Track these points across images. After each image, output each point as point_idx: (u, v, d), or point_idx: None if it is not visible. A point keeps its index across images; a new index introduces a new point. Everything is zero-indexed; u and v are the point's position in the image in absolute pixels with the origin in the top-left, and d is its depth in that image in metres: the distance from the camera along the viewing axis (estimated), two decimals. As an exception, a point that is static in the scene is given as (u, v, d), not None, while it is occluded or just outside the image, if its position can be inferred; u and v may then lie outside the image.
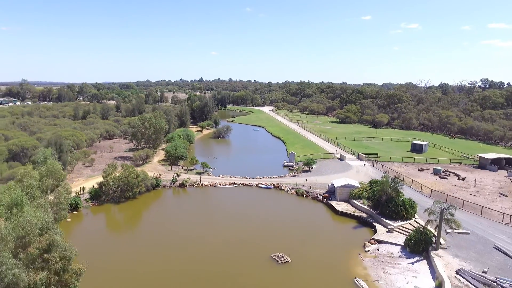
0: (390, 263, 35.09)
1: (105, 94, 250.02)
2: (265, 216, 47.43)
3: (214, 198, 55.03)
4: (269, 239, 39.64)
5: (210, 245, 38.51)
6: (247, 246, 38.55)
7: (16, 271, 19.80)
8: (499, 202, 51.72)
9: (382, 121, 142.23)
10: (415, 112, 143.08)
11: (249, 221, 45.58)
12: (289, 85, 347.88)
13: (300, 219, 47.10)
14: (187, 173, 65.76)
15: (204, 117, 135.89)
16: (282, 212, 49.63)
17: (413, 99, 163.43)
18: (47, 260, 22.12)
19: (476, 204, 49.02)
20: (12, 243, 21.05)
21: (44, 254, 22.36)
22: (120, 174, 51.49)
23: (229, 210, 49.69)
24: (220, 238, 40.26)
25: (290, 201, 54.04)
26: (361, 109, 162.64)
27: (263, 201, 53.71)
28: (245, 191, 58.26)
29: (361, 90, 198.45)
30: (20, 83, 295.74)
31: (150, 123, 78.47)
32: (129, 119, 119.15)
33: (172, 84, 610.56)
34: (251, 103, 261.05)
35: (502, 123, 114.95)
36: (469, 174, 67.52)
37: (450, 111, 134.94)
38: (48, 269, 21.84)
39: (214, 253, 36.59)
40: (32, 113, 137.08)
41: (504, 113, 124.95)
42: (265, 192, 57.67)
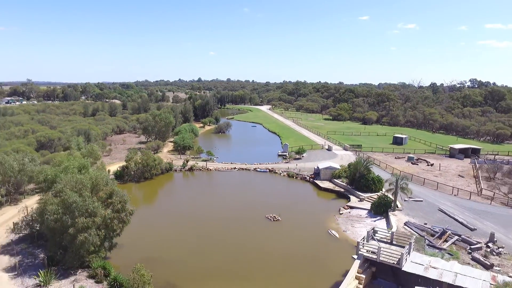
0: (357, 221, 45.46)
1: (108, 93, 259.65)
2: (261, 191, 57.81)
3: (219, 179, 65.33)
4: (264, 205, 49.89)
5: (218, 210, 48.84)
6: (247, 210, 48.91)
7: (96, 204, 30.00)
8: (455, 181, 62.24)
9: (372, 118, 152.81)
10: (401, 110, 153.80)
11: (248, 194, 55.92)
12: (286, 85, 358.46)
13: (289, 193, 57.53)
14: (194, 160, 76.01)
15: (206, 115, 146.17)
16: (275, 188, 59.98)
17: (401, 97, 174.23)
18: (111, 202, 32.31)
19: (434, 182, 59.57)
20: (89, 188, 31.27)
21: (108, 199, 32.56)
22: (140, 158, 61.69)
23: (231, 187, 60.04)
24: (226, 205, 50.63)
25: (282, 181, 64.46)
26: (353, 107, 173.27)
27: (260, 181, 64.07)
28: (244, 174, 68.60)
29: (353, 90, 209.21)
30: (25, 83, 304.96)
31: (160, 118, 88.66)
32: (137, 116, 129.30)
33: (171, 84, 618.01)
34: (249, 102, 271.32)
35: (479, 119, 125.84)
36: (438, 161, 78.05)
37: (433, 109, 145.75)
38: (112, 208, 32.02)
39: (221, 215, 46.88)
40: (44, 111, 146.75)
41: (482, 110, 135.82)
42: (261, 174, 68.01)
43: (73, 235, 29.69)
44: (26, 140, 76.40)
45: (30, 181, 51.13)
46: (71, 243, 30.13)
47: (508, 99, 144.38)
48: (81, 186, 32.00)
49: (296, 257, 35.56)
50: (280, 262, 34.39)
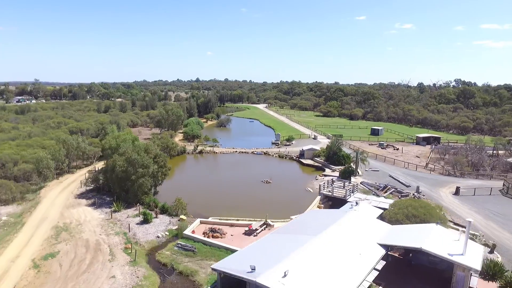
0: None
1: (114, 92, 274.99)
2: (257, 166, 74.05)
3: (224, 159, 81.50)
4: (259, 174, 65.92)
5: (226, 176, 65.08)
6: (246, 176, 65.15)
7: (149, 160, 46.09)
8: (411, 160, 78.71)
9: (357, 115, 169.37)
10: (384, 107, 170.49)
11: (247, 168, 72.13)
12: (281, 84, 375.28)
13: (279, 167, 73.80)
14: (202, 146, 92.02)
15: (208, 111, 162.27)
16: (268, 164, 76.19)
17: (385, 96, 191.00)
18: (156, 161, 48.35)
19: (392, 159, 76.06)
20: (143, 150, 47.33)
21: (155, 158, 48.61)
22: (161, 140, 77.69)
23: (234, 164, 76.23)
24: (231, 173, 66.94)
25: (274, 160, 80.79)
26: (341, 105, 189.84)
27: (256, 160, 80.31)
28: (244, 155, 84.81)
29: (342, 89, 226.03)
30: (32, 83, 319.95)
31: (172, 112, 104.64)
32: (147, 112, 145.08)
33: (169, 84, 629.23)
34: (247, 101, 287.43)
35: (450, 114, 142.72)
36: (404, 147, 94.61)
37: (412, 106, 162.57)
38: (157, 164, 48.06)
39: (228, 179, 63.07)
40: (57, 108, 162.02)
41: (454, 106, 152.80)
42: (258, 156, 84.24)
43: (134, 181, 45.78)
44: (61, 130, 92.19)
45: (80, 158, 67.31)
46: (132, 186, 46.20)
47: (477, 97, 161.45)
48: (138, 149, 48.12)
49: (281, 201, 51.74)
50: (269, 202, 50.48)
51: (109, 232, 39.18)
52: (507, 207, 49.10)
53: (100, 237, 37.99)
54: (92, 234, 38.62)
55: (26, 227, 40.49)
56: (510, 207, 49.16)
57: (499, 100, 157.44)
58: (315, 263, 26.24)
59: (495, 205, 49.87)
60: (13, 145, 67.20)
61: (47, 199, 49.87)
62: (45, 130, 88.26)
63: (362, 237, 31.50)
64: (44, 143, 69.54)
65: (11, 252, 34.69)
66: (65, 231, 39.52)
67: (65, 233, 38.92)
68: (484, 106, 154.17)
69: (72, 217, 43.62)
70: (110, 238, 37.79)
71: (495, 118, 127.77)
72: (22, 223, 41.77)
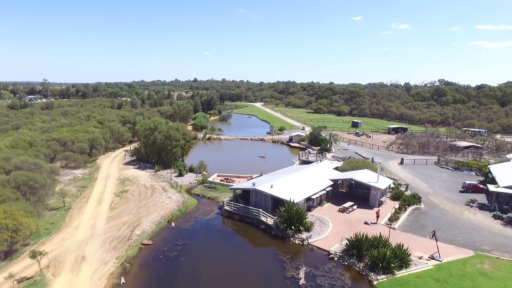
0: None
1: (120, 92, 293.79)
2: (254, 147, 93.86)
3: (228, 143, 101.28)
4: (257, 152, 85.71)
5: (230, 153, 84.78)
6: (247, 153, 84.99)
7: (179, 136, 65.79)
8: (378, 144, 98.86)
9: (344, 111, 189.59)
10: (368, 104, 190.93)
11: (247, 148, 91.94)
12: (277, 84, 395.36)
13: (272, 149, 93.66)
14: (209, 134, 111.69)
15: (211, 108, 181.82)
16: (263, 147, 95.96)
17: (369, 94, 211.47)
18: (184, 137, 68.03)
19: (362, 142, 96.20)
20: (175, 129, 67.07)
21: (183, 135, 68.31)
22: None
23: (236, 147, 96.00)
24: (234, 152, 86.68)
25: (268, 144, 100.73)
26: (331, 103, 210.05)
27: (254, 144, 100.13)
28: (244, 141, 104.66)
29: (332, 88, 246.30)
30: (41, 83, 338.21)
31: (183, 107, 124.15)
32: (158, 108, 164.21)
33: (167, 84, 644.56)
34: (245, 99, 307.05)
35: (423, 110, 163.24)
36: (376, 135, 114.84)
37: (392, 103, 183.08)
38: (184, 139, 67.72)
39: (232, 156, 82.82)
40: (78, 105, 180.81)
41: (427, 104, 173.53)
42: (255, 142, 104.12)
43: (169, 150, 65.49)
44: (91, 122, 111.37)
45: (117, 140, 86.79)
46: (167, 154, 65.86)
47: (448, 95, 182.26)
48: (172, 128, 67.77)
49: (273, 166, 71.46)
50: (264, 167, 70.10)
51: (157, 181, 58.91)
52: (431, 171, 69.34)
53: (152, 183, 57.71)
54: (146, 182, 58.31)
55: (99, 179, 60.04)
56: (433, 171, 69.44)
57: (466, 98, 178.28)
58: (289, 184, 46.18)
59: (424, 170, 70.14)
60: (64, 131, 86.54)
61: (103, 166, 69.47)
62: (81, 121, 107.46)
63: (320, 176, 51.53)
64: (88, 129, 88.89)
65: (98, 189, 54.26)
66: (127, 180, 59.16)
67: (127, 181, 58.54)
68: (454, 103, 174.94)
69: (128, 174, 63.27)
70: (159, 183, 57.52)
71: (460, 113, 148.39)
72: (95, 177, 61.32)
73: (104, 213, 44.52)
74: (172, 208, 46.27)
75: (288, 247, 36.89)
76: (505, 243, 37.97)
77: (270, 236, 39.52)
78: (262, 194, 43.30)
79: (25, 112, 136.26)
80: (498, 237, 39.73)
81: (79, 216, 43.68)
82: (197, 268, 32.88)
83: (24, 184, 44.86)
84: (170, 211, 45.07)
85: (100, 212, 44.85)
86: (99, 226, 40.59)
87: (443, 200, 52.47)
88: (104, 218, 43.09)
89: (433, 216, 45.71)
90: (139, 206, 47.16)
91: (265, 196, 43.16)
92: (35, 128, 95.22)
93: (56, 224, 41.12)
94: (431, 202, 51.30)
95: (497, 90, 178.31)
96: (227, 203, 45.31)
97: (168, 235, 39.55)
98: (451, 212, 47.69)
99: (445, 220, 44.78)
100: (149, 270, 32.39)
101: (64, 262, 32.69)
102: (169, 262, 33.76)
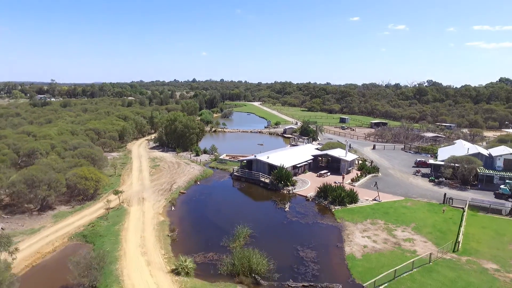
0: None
1: (126, 91, 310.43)
2: (254, 138, 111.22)
3: (231, 135, 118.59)
4: (256, 141, 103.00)
5: (234, 142, 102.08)
6: (248, 142, 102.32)
7: (195, 125, 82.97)
8: (359, 136, 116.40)
9: (335, 109, 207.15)
10: (357, 103, 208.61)
11: (247, 139, 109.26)
12: (275, 85, 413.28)
13: (269, 139, 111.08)
14: (215, 128, 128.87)
15: (213, 106, 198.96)
16: (261, 138, 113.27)
17: (359, 94, 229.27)
18: (198, 126, 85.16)
19: (346, 133, 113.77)
20: (191, 120, 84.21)
21: (197, 125, 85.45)
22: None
23: (238, 137, 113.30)
24: (236, 141, 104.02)
25: (265, 136, 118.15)
26: (323, 101, 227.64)
27: (253, 136, 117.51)
28: (244, 133, 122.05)
29: (325, 88, 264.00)
30: (49, 83, 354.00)
31: (190, 104, 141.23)
32: (166, 106, 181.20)
33: (167, 84, 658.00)
34: (244, 99, 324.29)
35: (406, 108, 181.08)
36: (359, 129, 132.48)
37: (378, 102, 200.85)
38: (198, 128, 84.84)
39: (236, 143, 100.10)
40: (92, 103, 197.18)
41: (410, 102, 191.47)
42: (254, 133, 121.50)
43: (187, 137, 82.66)
44: (111, 117, 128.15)
45: (139, 131, 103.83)
46: (186, 140, 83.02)
47: (429, 95, 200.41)
48: (190, 120, 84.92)
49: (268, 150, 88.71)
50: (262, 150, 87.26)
51: (180, 159, 76.11)
52: (396, 154, 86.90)
53: (177, 160, 74.90)
54: (172, 159, 75.44)
55: (134, 158, 77.05)
56: (398, 154, 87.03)
57: (445, 97, 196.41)
58: (281, 156, 63.52)
59: (391, 153, 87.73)
60: (95, 123, 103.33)
61: (133, 150, 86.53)
62: (105, 116, 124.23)
63: (304, 152, 68.94)
64: (113, 122, 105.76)
65: (136, 164, 71.29)
66: (156, 159, 76.27)
67: (156, 159, 75.66)
68: (434, 101, 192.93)
69: (155, 155, 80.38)
70: (182, 160, 74.72)
71: (437, 111, 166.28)
72: (130, 157, 78.35)
73: (147, 177, 61.68)
74: (196, 174, 63.51)
75: (279, 195, 54.18)
76: (427, 194, 55.45)
77: (267, 189, 56.86)
78: (261, 162, 60.56)
79: (49, 109, 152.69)
80: (425, 191, 57.18)
81: (129, 179, 60.81)
82: (217, 204, 50.20)
83: (88, 156, 61.96)
84: (195, 176, 62.32)
85: (144, 177, 61.99)
86: (146, 184, 57.75)
87: (397, 171, 69.98)
88: (148, 180, 60.25)
89: (385, 180, 63.13)
90: (171, 173, 64.37)
91: (263, 164, 60.41)
92: (67, 121, 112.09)
93: (115, 183, 58.18)
94: (388, 172, 68.77)
95: (472, 90, 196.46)
96: (236, 170, 62.66)
97: (196, 189, 56.85)
98: (400, 178, 65.17)
99: (394, 182, 62.22)
100: (187, 205, 49.66)
101: (132, 200, 49.84)
102: (199, 202, 51.05)
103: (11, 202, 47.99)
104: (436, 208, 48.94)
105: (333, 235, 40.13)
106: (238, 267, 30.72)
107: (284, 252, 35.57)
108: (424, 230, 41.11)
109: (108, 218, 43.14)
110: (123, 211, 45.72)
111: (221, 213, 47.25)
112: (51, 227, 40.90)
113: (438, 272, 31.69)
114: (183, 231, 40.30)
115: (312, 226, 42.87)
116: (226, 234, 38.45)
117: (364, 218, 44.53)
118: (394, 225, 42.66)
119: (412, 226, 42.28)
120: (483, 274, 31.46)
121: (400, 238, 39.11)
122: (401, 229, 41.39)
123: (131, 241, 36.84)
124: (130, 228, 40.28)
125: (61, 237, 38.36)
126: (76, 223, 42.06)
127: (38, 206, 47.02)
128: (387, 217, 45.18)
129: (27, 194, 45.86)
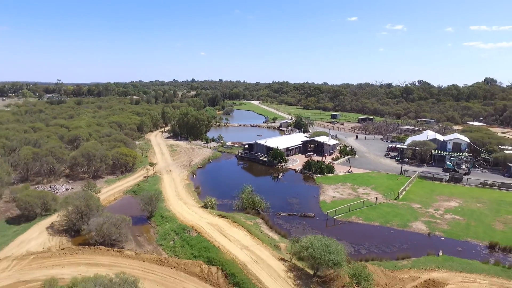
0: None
1: (131, 91, 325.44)
2: (253, 131, 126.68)
3: (233, 129, 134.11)
4: (255, 132, 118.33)
5: (236, 134, 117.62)
6: (248, 134, 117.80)
7: (204, 117, 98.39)
8: (346, 129, 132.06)
9: (328, 107, 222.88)
10: (349, 101, 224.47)
11: (247, 131, 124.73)
12: (272, 84, 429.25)
13: (266, 132, 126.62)
14: (218, 122, 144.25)
15: (215, 104, 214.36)
16: (260, 130, 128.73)
17: (351, 93, 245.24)
18: (207, 118, 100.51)
19: (332, 127, 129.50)
20: (202, 114, 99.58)
21: (207, 118, 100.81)
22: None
23: (240, 130, 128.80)
24: (239, 133, 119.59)
25: (264, 129, 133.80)
26: (318, 100, 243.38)
27: (253, 129, 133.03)
28: (245, 127, 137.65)
29: (319, 87, 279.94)
30: (55, 83, 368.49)
31: (196, 102, 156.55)
32: (172, 104, 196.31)
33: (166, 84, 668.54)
34: (243, 98, 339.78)
35: (393, 106, 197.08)
36: (347, 124, 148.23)
37: (368, 100, 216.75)
38: (207, 120, 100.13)
39: (238, 134, 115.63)
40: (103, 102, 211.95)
41: (397, 100, 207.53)
42: (254, 127, 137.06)
43: (198, 127, 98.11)
44: (126, 113, 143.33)
45: (154, 124, 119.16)
46: (196, 131, 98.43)
47: (415, 93, 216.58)
48: (200, 113, 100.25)
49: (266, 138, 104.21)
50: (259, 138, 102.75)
51: (193, 145, 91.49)
52: (374, 143, 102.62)
53: (190, 146, 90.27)
54: (186, 146, 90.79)
55: (154, 145, 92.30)
56: (376, 142, 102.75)
57: (429, 96, 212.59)
58: (276, 141, 79.05)
59: (370, 142, 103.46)
60: (116, 117, 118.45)
61: (151, 139, 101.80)
62: (121, 112, 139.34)
63: (295, 139, 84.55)
64: (130, 117, 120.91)
65: (157, 150, 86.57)
66: (173, 145, 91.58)
67: (173, 146, 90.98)
68: (418, 100, 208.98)
69: (171, 142, 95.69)
70: (195, 146, 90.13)
71: (421, 108, 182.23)
72: (150, 144, 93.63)
73: (169, 157, 77.08)
74: (208, 155, 78.99)
75: (274, 169, 69.67)
76: (391, 169, 71.04)
77: (265, 166, 72.40)
78: (260, 145, 76.04)
79: (65, 107, 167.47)
80: (390, 167, 72.76)
81: (155, 159, 76.16)
82: (228, 174, 65.76)
83: (121, 141, 77.28)
84: (207, 156, 77.80)
85: (166, 158, 77.38)
86: (169, 162, 73.15)
87: (372, 155, 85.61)
88: (170, 159, 75.68)
89: (360, 161, 78.70)
90: (188, 155, 79.84)
91: (262, 146, 75.88)
92: (88, 116, 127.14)
93: (144, 161, 73.48)
94: (363, 155, 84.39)
95: (453, 89, 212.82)
96: (240, 152, 78.22)
97: (209, 165, 72.45)
98: (373, 159, 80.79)
99: (367, 162, 77.81)
100: (204, 174, 65.26)
101: (162, 171, 65.22)
102: (213, 172, 66.63)
103: (71, 173, 63.25)
104: (393, 177, 64.59)
105: (312, 191, 55.70)
106: (246, 204, 46.15)
107: (277, 199, 51.02)
108: (379, 189, 56.72)
109: (148, 181, 58.54)
110: (158, 178, 61.07)
111: (230, 179, 62.76)
112: (107, 187, 56.22)
113: (379, 209, 47.30)
114: (204, 189, 55.76)
115: (298, 186, 58.49)
116: (236, 190, 53.91)
117: (337, 182, 60.13)
118: (358, 186, 58.27)
119: (372, 187, 57.90)
120: (409, 209, 47.12)
121: (360, 192, 54.72)
122: (362, 188, 57.02)
123: (169, 193, 52.26)
124: (166, 186, 55.72)
125: (118, 192, 53.71)
126: (125, 185, 57.39)
127: (91, 175, 62.29)
128: (355, 181, 60.79)
129: (84, 166, 61.27)
